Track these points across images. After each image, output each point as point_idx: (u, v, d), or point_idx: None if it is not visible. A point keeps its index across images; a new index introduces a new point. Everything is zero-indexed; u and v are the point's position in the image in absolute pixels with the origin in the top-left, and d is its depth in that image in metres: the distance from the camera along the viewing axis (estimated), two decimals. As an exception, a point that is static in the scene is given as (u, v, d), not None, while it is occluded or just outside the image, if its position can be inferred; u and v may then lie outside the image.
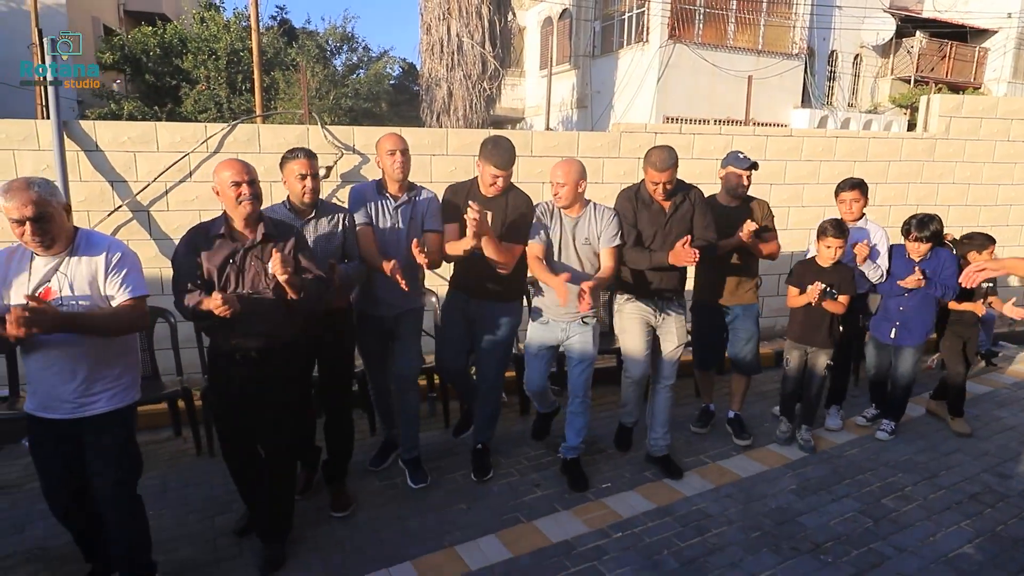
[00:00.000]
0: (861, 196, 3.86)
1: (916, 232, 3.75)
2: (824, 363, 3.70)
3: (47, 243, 2.13)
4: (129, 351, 2.41)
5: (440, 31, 11.79)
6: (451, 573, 2.63)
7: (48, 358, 2.22)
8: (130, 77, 14.00)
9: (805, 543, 2.83)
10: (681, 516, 3.04)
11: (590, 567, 2.65)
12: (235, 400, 2.62)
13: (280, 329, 2.59)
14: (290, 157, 2.85)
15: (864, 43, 17.24)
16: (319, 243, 2.92)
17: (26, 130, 4.38)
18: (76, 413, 2.26)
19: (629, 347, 3.43)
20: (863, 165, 6.03)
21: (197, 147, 4.62)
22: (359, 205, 3.10)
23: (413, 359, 3.30)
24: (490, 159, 3.04)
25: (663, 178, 3.19)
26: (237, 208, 2.48)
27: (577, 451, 3.39)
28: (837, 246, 3.53)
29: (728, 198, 3.68)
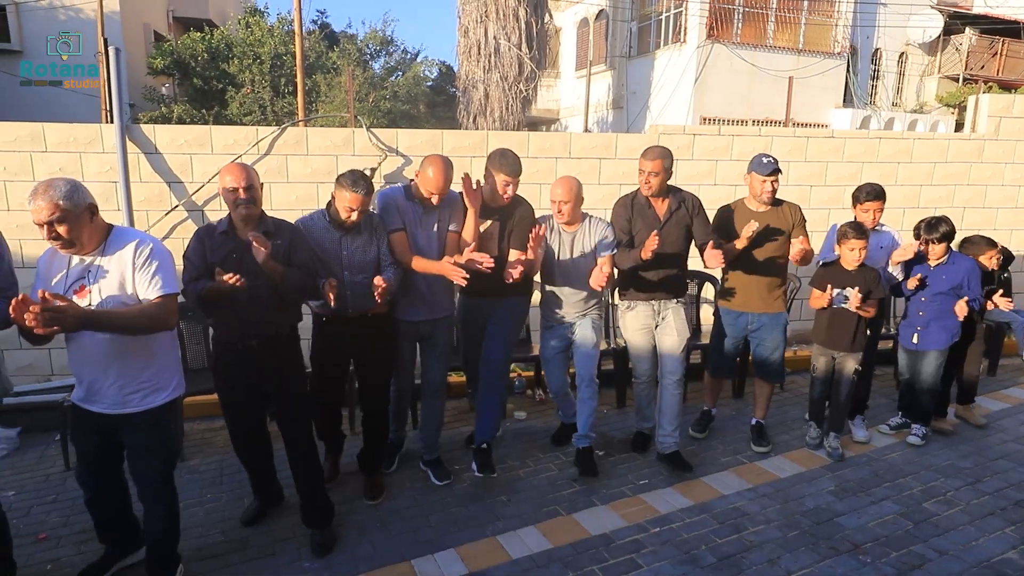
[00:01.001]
0: (883, 205, 3.82)
1: (925, 234, 3.71)
2: (852, 368, 3.66)
3: (67, 245, 2.17)
4: (165, 349, 2.43)
5: (477, 33, 11.94)
6: (493, 561, 2.72)
7: (84, 354, 2.29)
8: (179, 81, 14.50)
9: (844, 543, 2.85)
10: (718, 513, 3.08)
11: (628, 560, 2.72)
12: (239, 389, 2.79)
13: (278, 320, 2.75)
14: (348, 185, 2.83)
15: (910, 40, 16.79)
16: (358, 255, 2.99)
17: (92, 134, 4.63)
18: (115, 409, 2.33)
19: (633, 347, 3.59)
20: (907, 167, 5.94)
21: (249, 149, 4.81)
22: (391, 210, 3.12)
23: (443, 367, 3.40)
24: (501, 168, 3.14)
25: (649, 167, 3.30)
26: (235, 211, 2.63)
27: (589, 440, 3.46)
28: (860, 247, 3.50)
29: (756, 203, 3.64)
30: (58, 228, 2.11)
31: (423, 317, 3.25)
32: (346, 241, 2.98)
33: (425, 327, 3.29)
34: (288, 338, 2.84)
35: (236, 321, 2.69)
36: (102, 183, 4.61)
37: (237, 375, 2.78)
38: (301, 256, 2.76)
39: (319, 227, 2.97)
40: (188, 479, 3.44)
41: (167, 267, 2.30)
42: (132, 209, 4.64)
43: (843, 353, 3.65)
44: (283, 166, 4.87)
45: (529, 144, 5.23)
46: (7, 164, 4.50)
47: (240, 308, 2.62)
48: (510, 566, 2.69)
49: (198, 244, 2.68)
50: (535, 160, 5.23)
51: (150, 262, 2.25)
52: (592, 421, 3.44)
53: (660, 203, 3.44)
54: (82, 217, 2.16)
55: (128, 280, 2.24)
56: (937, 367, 3.83)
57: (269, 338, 2.73)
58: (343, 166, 4.92)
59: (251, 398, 2.83)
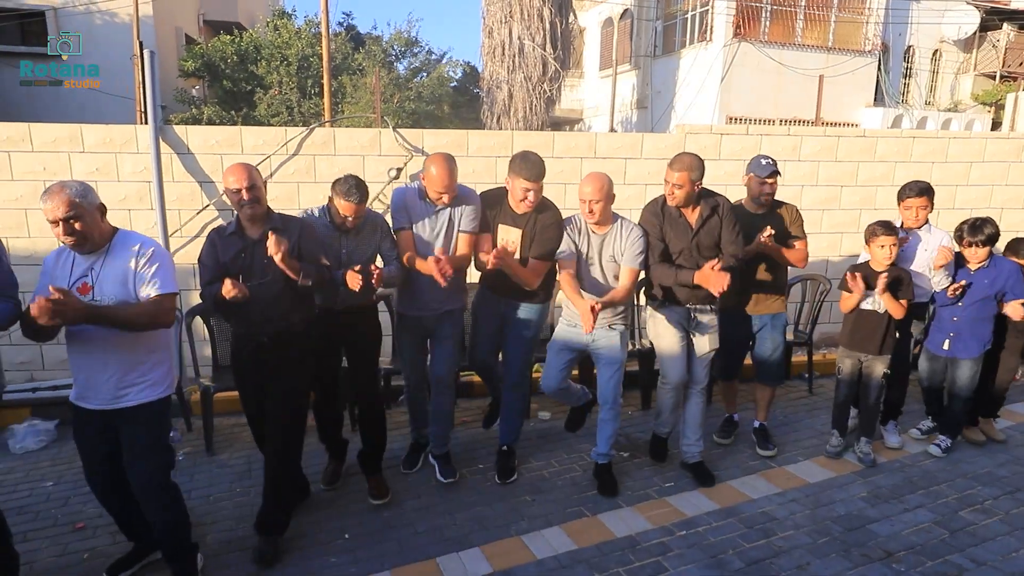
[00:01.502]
0: (928, 202, 3.66)
1: (969, 236, 3.56)
2: (881, 371, 3.56)
3: (80, 241, 2.25)
4: (162, 346, 2.49)
5: (502, 34, 11.96)
6: (518, 560, 2.72)
7: (84, 350, 2.35)
8: (209, 83, 14.77)
9: (876, 551, 2.79)
10: (746, 518, 3.04)
11: (654, 562, 2.70)
12: (253, 386, 2.84)
13: (289, 316, 2.76)
14: (342, 193, 2.84)
15: (944, 37, 16.42)
16: (354, 254, 3.02)
17: (127, 135, 4.73)
18: (110, 405, 2.38)
19: (665, 351, 3.35)
20: (942, 167, 5.80)
21: (278, 149, 4.88)
22: (400, 209, 3.12)
23: (451, 361, 3.35)
24: (520, 172, 3.02)
25: (674, 178, 3.12)
26: (240, 210, 2.69)
27: (608, 457, 3.37)
28: (891, 244, 3.40)
29: (754, 205, 3.56)
30: (74, 224, 2.21)
31: (427, 312, 3.24)
32: (345, 240, 3.02)
33: (429, 322, 3.27)
34: (300, 334, 2.82)
35: (249, 317, 2.74)
36: (136, 183, 4.72)
37: (250, 372, 2.84)
38: (311, 248, 2.78)
39: (319, 224, 2.98)
40: (217, 472, 3.51)
41: (167, 269, 2.38)
42: (165, 208, 4.73)
43: (871, 356, 3.56)
44: (311, 166, 4.92)
45: (554, 144, 5.22)
46: (47, 164, 4.62)
47: (252, 304, 2.65)
48: (535, 566, 2.68)
49: (210, 247, 2.75)
50: (560, 160, 5.22)
51: (151, 263, 2.34)
52: (613, 441, 3.34)
53: (691, 211, 3.27)
54: (94, 216, 2.28)
55: (130, 280, 2.32)
56: (972, 376, 3.67)
57: (280, 333, 2.75)
58: (369, 166, 4.97)
59: (264, 396, 2.84)
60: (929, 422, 3.97)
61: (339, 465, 3.44)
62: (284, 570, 2.68)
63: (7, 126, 4.59)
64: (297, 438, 2.89)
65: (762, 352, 3.69)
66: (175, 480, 2.54)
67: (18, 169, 4.60)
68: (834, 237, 5.68)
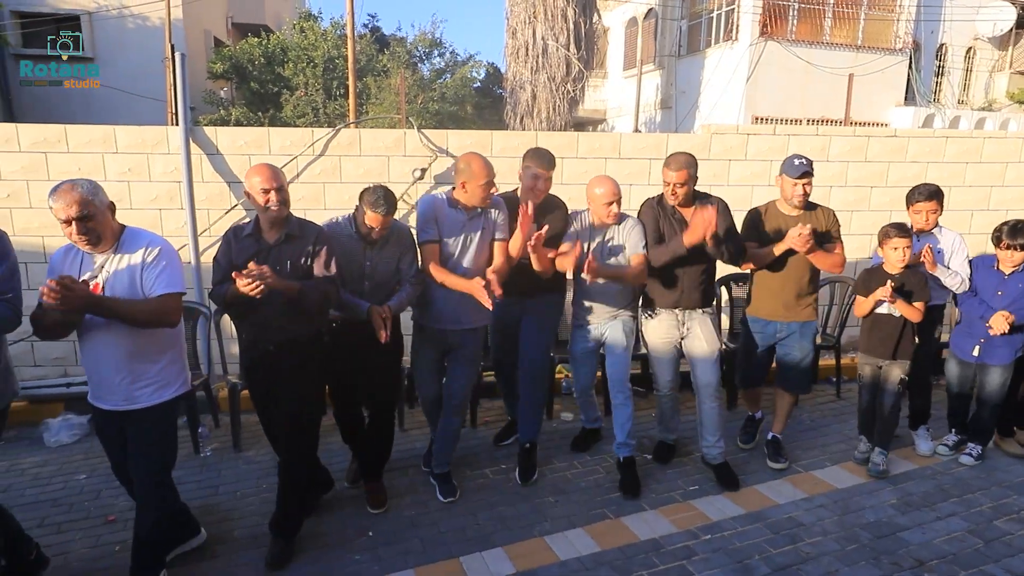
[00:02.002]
0: (938, 206, 3.58)
1: (1008, 239, 3.41)
2: (898, 377, 3.46)
3: (93, 240, 2.25)
4: (172, 346, 2.49)
5: (525, 34, 11.97)
6: (541, 561, 2.72)
7: (96, 351, 2.36)
8: (237, 85, 15.01)
9: (907, 559, 2.73)
10: (772, 523, 3.00)
11: (679, 566, 2.68)
12: (261, 390, 2.82)
13: (296, 325, 2.68)
14: (370, 204, 2.78)
15: (979, 35, 16.02)
16: (381, 268, 2.97)
17: (158, 136, 4.82)
18: (123, 405, 2.39)
19: (655, 358, 3.46)
20: (976, 167, 5.67)
21: (304, 150, 4.94)
22: (429, 219, 3.03)
23: (468, 384, 3.30)
24: (532, 160, 3.15)
25: (675, 178, 3.17)
26: (265, 213, 2.61)
27: (629, 448, 3.34)
28: (904, 246, 3.33)
29: (788, 206, 3.46)
30: (87, 224, 2.20)
31: (451, 326, 3.14)
32: (371, 252, 2.94)
33: (453, 337, 3.18)
34: (307, 343, 2.76)
35: (257, 323, 2.71)
36: (167, 183, 4.81)
37: (259, 377, 2.82)
38: (324, 261, 2.68)
39: (345, 234, 2.92)
40: (244, 469, 3.56)
41: (174, 267, 2.37)
42: (195, 208, 4.81)
43: (887, 361, 3.47)
44: (337, 167, 4.97)
45: (578, 145, 5.20)
46: (81, 164, 4.73)
47: (260, 312, 2.62)
48: (558, 567, 2.68)
49: (226, 246, 2.70)
50: (584, 161, 5.20)
51: (158, 261, 2.33)
52: (630, 427, 3.31)
53: (686, 210, 3.30)
54: (106, 214, 2.28)
55: (137, 278, 2.31)
56: (1002, 383, 3.55)
57: (287, 342, 2.70)
58: (394, 167, 5.00)
59: (272, 403, 2.82)
60: (954, 435, 3.81)
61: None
62: (307, 566, 2.71)
63: (44, 127, 4.71)
64: (308, 443, 2.86)
65: (790, 360, 3.57)
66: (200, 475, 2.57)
67: (54, 169, 4.72)
68: (863, 239, 5.57)
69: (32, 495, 3.36)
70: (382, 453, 3.28)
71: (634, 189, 5.31)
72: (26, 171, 4.68)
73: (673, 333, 3.39)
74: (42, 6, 13.50)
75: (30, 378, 4.76)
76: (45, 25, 13.75)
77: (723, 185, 5.18)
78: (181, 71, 4.95)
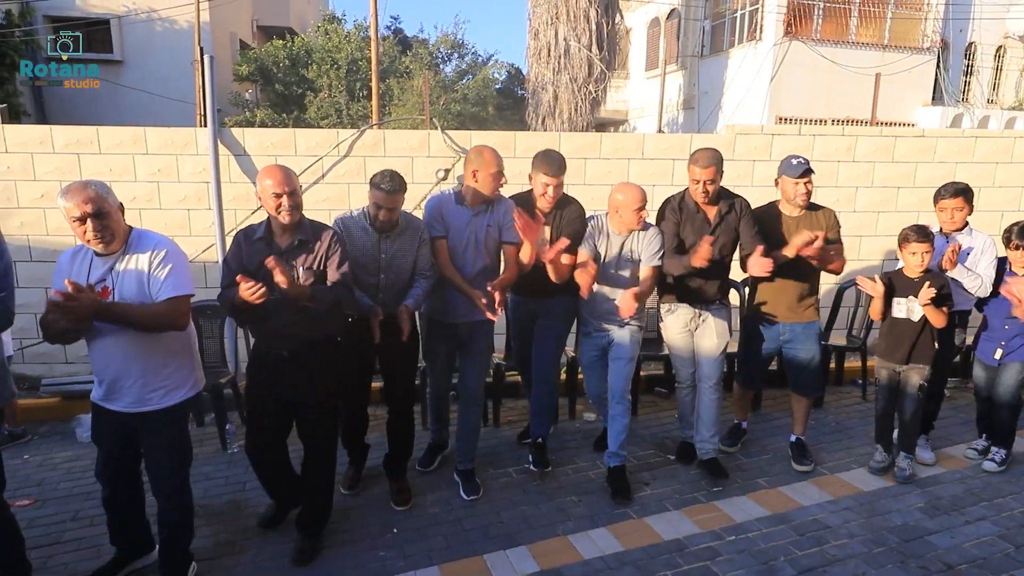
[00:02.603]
0: (965, 204, 3.50)
1: (1017, 239, 3.36)
2: (917, 383, 3.38)
3: (108, 239, 2.22)
4: (183, 349, 2.48)
5: (548, 35, 11.96)
6: (565, 560, 2.73)
7: (107, 354, 2.34)
8: (261, 87, 15.23)
9: (936, 563, 2.69)
10: (797, 525, 2.98)
11: (703, 567, 2.67)
12: (265, 396, 2.74)
13: (309, 330, 2.62)
14: (376, 183, 2.80)
15: (1009, 33, 15.69)
16: (396, 259, 2.97)
17: (187, 137, 4.92)
18: (135, 407, 2.37)
19: (675, 352, 3.51)
20: (1006, 167, 5.56)
21: (330, 151, 5.00)
22: (436, 216, 3.10)
23: (481, 374, 3.34)
24: (541, 167, 3.11)
25: (705, 175, 3.14)
26: (277, 216, 2.52)
27: (620, 458, 3.30)
28: (923, 251, 3.24)
29: (790, 207, 3.43)
30: (102, 221, 2.19)
31: (461, 320, 3.18)
32: (385, 244, 2.94)
33: (463, 330, 3.22)
34: (322, 347, 2.73)
35: (268, 333, 2.66)
36: (196, 183, 4.90)
37: (265, 386, 2.74)
38: (337, 263, 2.62)
39: (358, 226, 2.93)
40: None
41: (181, 270, 2.34)
42: (223, 208, 4.90)
43: (905, 366, 3.40)
44: (362, 167, 5.03)
45: (602, 145, 5.21)
46: (112, 165, 4.85)
47: (270, 318, 2.57)
48: (582, 566, 2.69)
49: (236, 249, 2.63)
50: (607, 161, 5.20)
51: (164, 264, 2.30)
52: (624, 439, 3.27)
53: (710, 207, 3.29)
54: (116, 213, 2.27)
55: (145, 281, 2.29)
56: (1017, 381, 3.44)
57: (300, 348, 2.65)
58: (419, 167, 5.05)
59: (276, 411, 2.77)
60: (983, 440, 3.72)
61: (359, 470, 3.42)
62: (334, 562, 2.75)
63: (77, 129, 4.83)
64: (334, 446, 2.89)
65: (798, 363, 3.52)
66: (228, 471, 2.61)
67: (87, 170, 4.84)
68: (890, 240, 5.48)
69: (65, 488, 3.45)
70: (404, 451, 3.30)
71: (657, 190, 5.28)
72: (60, 172, 4.81)
73: (691, 326, 3.43)
74: (72, 10, 13.81)
75: (62, 375, 4.89)
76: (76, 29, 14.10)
77: (748, 186, 5.14)
78: (210, 74, 5.04)
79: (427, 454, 3.60)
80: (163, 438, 2.45)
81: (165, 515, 2.52)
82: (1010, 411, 3.51)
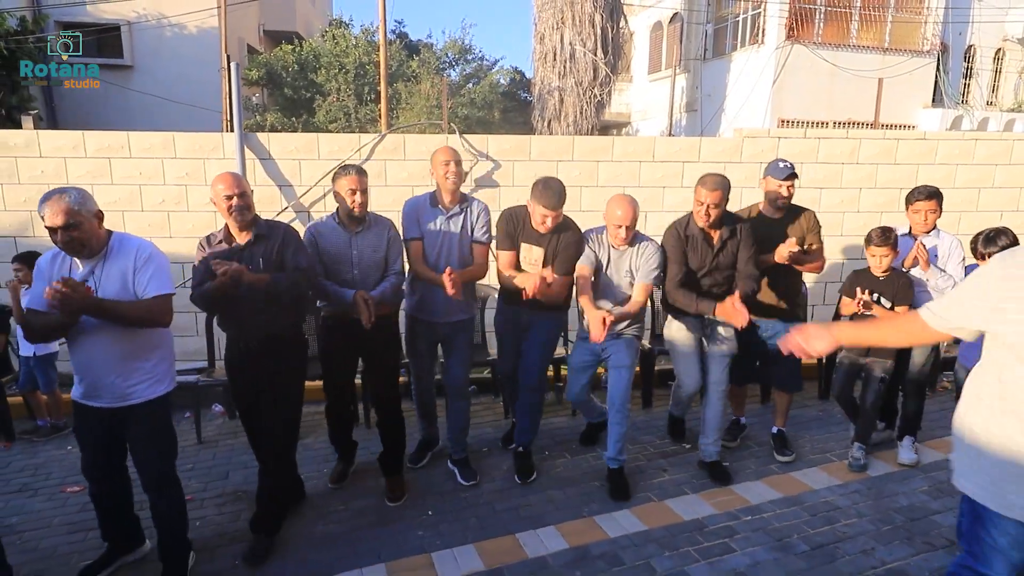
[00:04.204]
0: (937, 207, 3.59)
1: (983, 248, 3.40)
2: (878, 374, 3.54)
3: (75, 249, 2.31)
4: (162, 344, 2.57)
5: (553, 40, 12.15)
6: (592, 538, 2.91)
7: (89, 352, 2.41)
8: (270, 91, 15.42)
9: (940, 539, 2.88)
10: (809, 506, 3.17)
11: (722, 543, 2.86)
12: (245, 388, 2.91)
13: (276, 321, 2.81)
14: (342, 173, 3.00)
15: (1008, 36, 15.88)
16: (365, 254, 3.11)
17: (214, 142, 5.10)
18: (117, 403, 2.46)
19: (680, 358, 3.52)
20: (1005, 169, 5.75)
21: (351, 155, 5.19)
22: (412, 218, 3.27)
23: (465, 368, 3.47)
24: (540, 200, 3.12)
25: (711, 199, 3.16)
26: (229, 217, 2.73)
27: (618, 462, 3.39)
28: (883, 254, 3.42)
29: (771, 209, 3.59)
30: (72, 233, 2.26)
31: (441, 319, 3.34)
32: (356, 241, 3.10)
33: (444, 328, 3.37)
34: (289, 339, 2.91)
35: (237, 321, 2.82)
36: (223, 186, 5.08)
37: (241, 375, 2.91)
38: (292, 253, 2.82)
39: (330, 228, 3.11)
40: (307, 455, 3.77)
41: (163, 270, 2.45)
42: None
43: (867, 358, 3.57)
44: (382, 170, 5.21)
45: (613, 148, 5.39)
46: (142, 169, 5.03)
47: (239, 309, 2.73)
48: (608, 543, 2.87)
49: (201, 253, 2.80)
50: (619, 164, 5.39)
51: (148, 265, 2.41)
52: (622, 445, 3.37)
53: (713, 231, 3.34)
54: (91, 223, 2.33)
55: (129, 282, 2.39)
56: None
57: (268, 339, 2.82)
58: (438, 170, 5.23)
59: (256, 398, 2.90)
60: None
61: (347, 466, 3.55)
62: (375, 540, 2.93)
63: (108, 134, 5.01)
64: (292, 443, 3.00)
65: (780, 358, 3.56)
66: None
67: (117, 174, 5.02)
68: (893, 239, 5.68)
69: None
70: (396, 448, 3.41)
71: (667, 192, 5.48)
72: (92, 175, 4.99)
73: (697, 334, 3.47)
74: (85, 16, 14.01)
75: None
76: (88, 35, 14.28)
77: (754, 187, 5.32)
78: (236, 80, 5.23)
79: (417, 450, 3.73)
80: (147, 431, 2.53)
81: (156, 508, 2.60)
82: None
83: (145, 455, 2.55)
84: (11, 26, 10.95)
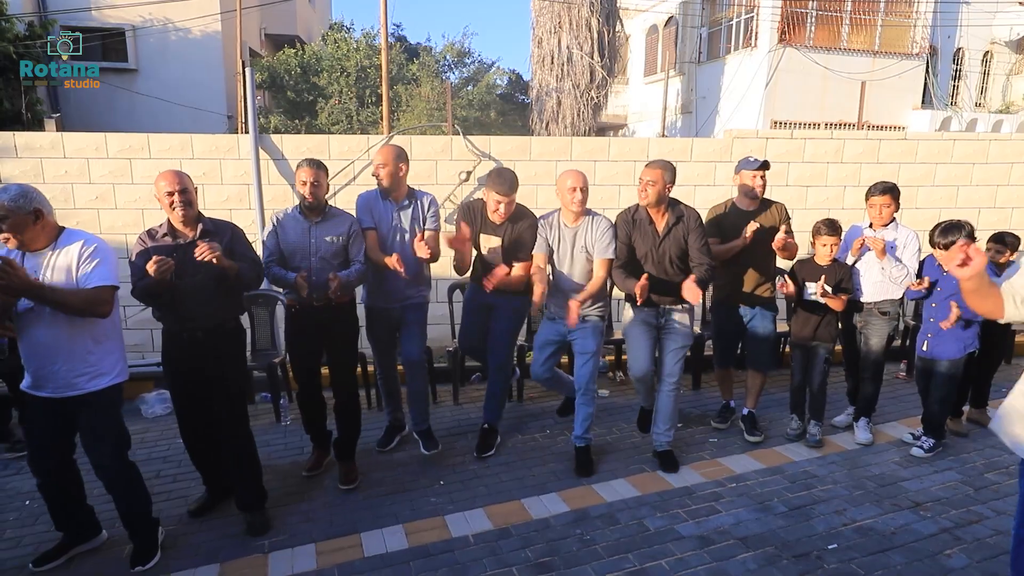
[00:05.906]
0: (892, 201, 3.73)
1: (939, 239, 3.55)
2: (822, 356, 3.78)
3: (17, 243, 2.42)
4: (108, 337, 2.62)
5: (551, 43, 12.46)
6: (591, 502, 3.20)
7: (35, 342, 2.49)
8: (273, 94, 15.68)
9: (906, 501, 3.17)
10: (790, 475, 3.46)
11: (709, 506, 3.14)
12: (184, 378, 2.96)
13: (220, 312, 2.92)
14: (302, 165, 3.20)
15: (996, 39, 16.24)
16: (324, 244, 3.25)
17: (230, 143, 5.36)
18: (61, 392, 2.52)
19: (630, 348, 3.59)
20: (982, 168, 6.04)
21: (361, 155, 5.45)
22: (365, 211, 3.46)
23: (420, 344, 3.63)
24: (493, 187, 3.38)
25: (648, 176, 3.34)
26: (172, 213, 2.78)
27: (585, 440, 3.56)
28: (832, 243, 3.67)
29: (746, 201, 3.82)
30: (2, 225, 2.36)
31: (392, 304, 3.56)
32: (315, 231, 3.25)
33: (396, 313, 3.58)
34: (232, 330, 3.01)
35: (180, 313, 2.87)
36: (237, 185, 5.34)
37: (182, 365, 2.94)
38: (242, 249, 2.94)
39: (290, 217, 3.28)
40: (323, 434, 4.02)
41: (107, 264, 2.52)
42: (263, 208, 5.33)
43: (812, 343, 3.79)
44: (391, 170, 5.46)
45: (610, 149, 5.66)
46: (161, 169, 5.24)
47: (184, 301, 2.81)
48: (606, 507, 3.15)
49: (142, 248, 2.82)
50: (615, 164, 5.66)
51: (92, 257, 2.48)
52: (588, 425, 3.54)
53: (660, 218, 3.44)
54: (25, 220, 2.40)
55: (74, 273, 2.47)
56: (948, 379, 3.64)
57: (213, 329, 2.90)
58: (441, 170, 5.49)
59: (197, 388, 2.96)
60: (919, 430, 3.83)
61: (322, 454, 3.65)
62: (394, 506, 3.21)
63: (129, 136, 5.26)
64: (246, 425, 3.07)
65: (755, 340, 3.89)
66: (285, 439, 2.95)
67: (138, 174, 5.27)
68: (875, 235, 5.96)
69: (143, 455, 3.87)
70: (351, 434, 3.52)
71: (661, 189, 5.74)
72: (113, 175, 5.24)
73: (651, 322, 3.53)
74: (91, 21, 14.26)
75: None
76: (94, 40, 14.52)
77: (744, 185, 5.61)
78: (251, 83, 5.49)
79: (385, 435, 3.90)
80: (95, 421, 2.60)
81: (115, 496, 2.71)
82: (938, 406, 3.71)
83: (96, 445, 2.61)
84: (19, 31, 11.20)
